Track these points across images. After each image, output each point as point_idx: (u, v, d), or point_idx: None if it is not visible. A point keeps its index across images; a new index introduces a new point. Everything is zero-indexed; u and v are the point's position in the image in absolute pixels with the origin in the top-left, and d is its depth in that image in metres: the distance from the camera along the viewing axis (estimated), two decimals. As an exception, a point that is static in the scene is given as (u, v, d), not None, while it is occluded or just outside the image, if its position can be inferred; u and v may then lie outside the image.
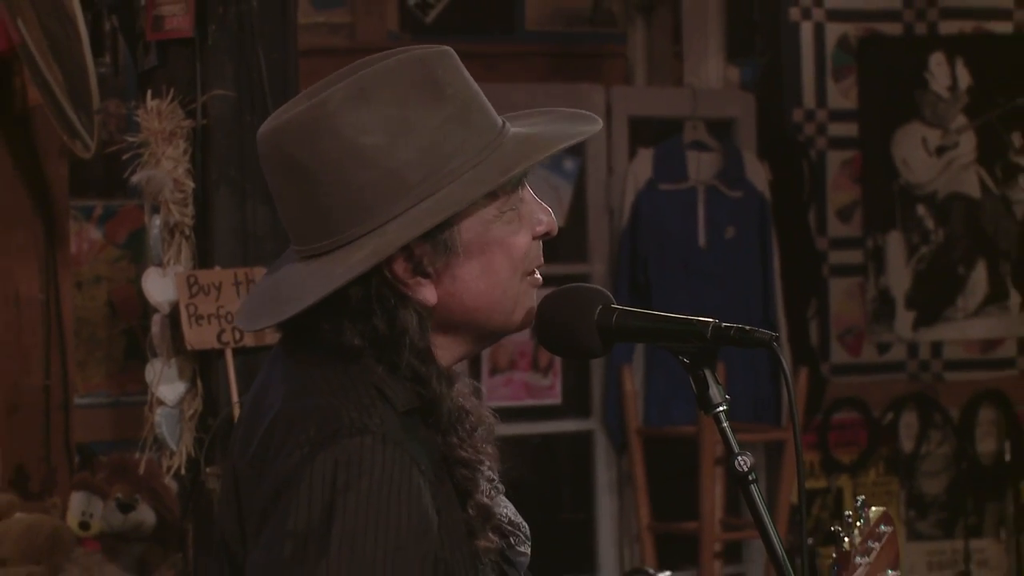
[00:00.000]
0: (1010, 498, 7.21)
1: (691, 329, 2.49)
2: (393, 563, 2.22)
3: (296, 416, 2.28)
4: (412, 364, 2.35)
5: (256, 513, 2.28)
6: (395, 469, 2.24)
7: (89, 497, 4.94)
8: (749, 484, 2.47)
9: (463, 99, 2.41)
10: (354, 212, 2.36)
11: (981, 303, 7.26)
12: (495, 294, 2.41)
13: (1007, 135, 7.27)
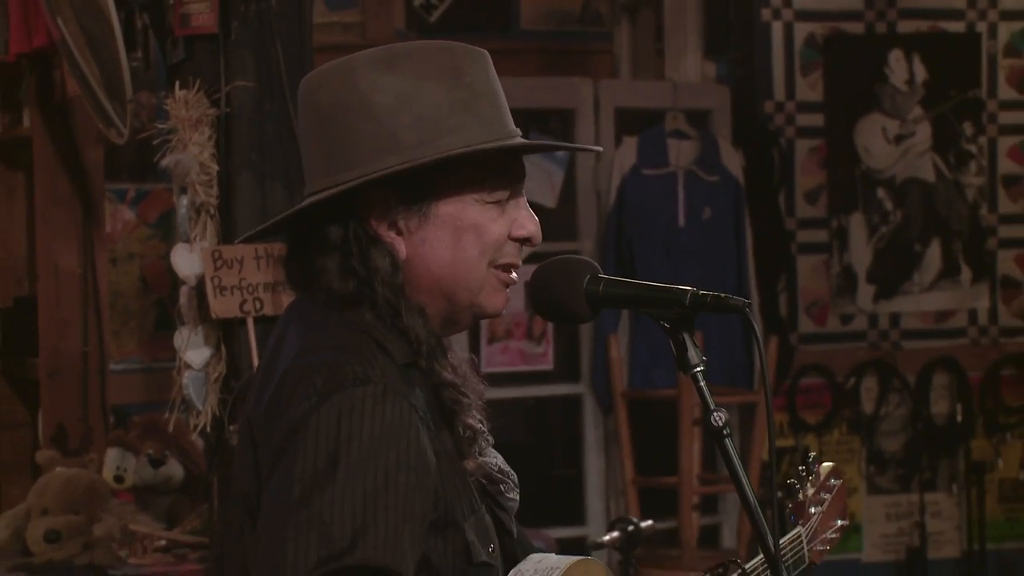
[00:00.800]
0: (961, 455, 7.21)
1: (671, 296, 2.49)
2: (396, 497, 2.22)
3: (305, 370, 2.28)
4: (386, 297, 2.36)
5: (269, 456, 2.28)
6: (395, 415, 2.25)
7: (123, 453, 4.94)
8: (724, 438, 2.47)
9: (478, 92, 2.42)
10: (350, 158, 2.39)
11: (935, 278, 7.26)
12: (459, 268, 2.41)
13: (959, 125, 7.27)
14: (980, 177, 7.29)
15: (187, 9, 4.43)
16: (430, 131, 2.38)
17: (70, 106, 5.41)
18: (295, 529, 2.16)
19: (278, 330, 2.46)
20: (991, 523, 7.18)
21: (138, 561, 4.65)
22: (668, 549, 6.41)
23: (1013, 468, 7.27)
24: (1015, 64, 7.33)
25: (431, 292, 2.41)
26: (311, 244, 2.40)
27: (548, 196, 6.59)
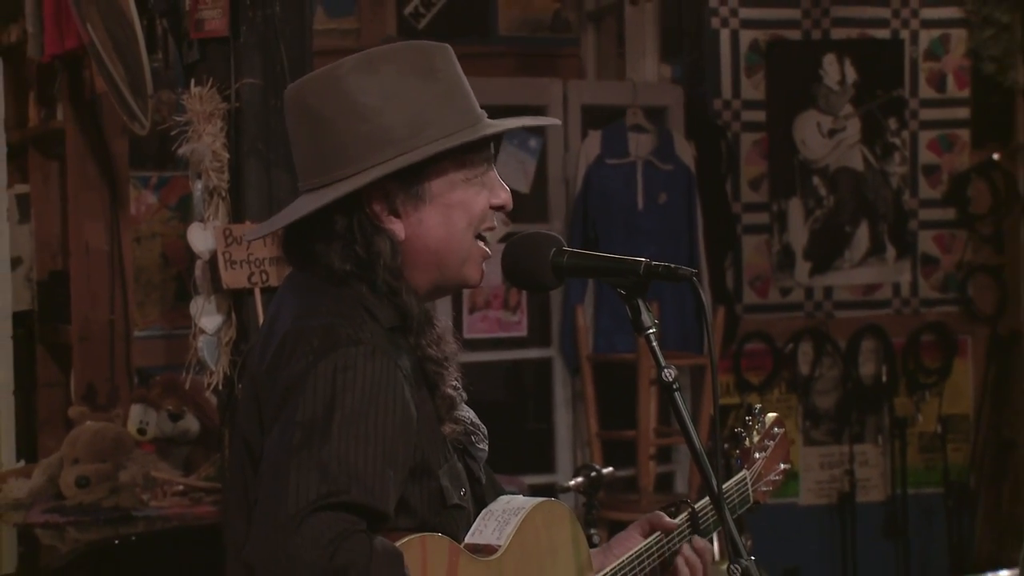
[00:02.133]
0: (886, 412, 7.22)
1: (627, 266, 2.50)
2: (383, 445, 2.24)
3: (303, 332, 2.30)
4: (387, 280, 2.39)
5: (271, 408, 2.30)
6: (383, 372, 2.27)
7: (145, 409, 4.93)
8: (673, 392, 2.48)
9: (451, 85, 2.45)
10: (346, 156, 2.40)
11: (864, 255, 7.26)
12: (451, 242, 2.44)
13: (885, 120, 7.27)
14: (903, 166, 7.29)
15: (201, 15, 4.42)
16: (417, 124, 2.40)
17: (98, 102, 5.40)
18: (297, 468, 2.17)
19: (277, 298, 2.48)
20: (911, 471, 7.19)
21: (158, 504, 4.66)
22: (628, 494, 6.41)
23: (931, 423, 7.27)
24: (934, 67, 7.32)
25: (426, 265, 2.43)
26: (314, 231, 2.40)
27: (522, 183, 6.58)
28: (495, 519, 2.44)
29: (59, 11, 5.18)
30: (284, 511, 2.13)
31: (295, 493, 2.14)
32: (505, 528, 2.42)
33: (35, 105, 5.87)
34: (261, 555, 2.15)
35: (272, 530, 2.14)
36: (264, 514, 2.17)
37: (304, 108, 2.43)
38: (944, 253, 7.36)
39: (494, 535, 2.42)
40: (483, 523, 2.44)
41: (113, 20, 4.77)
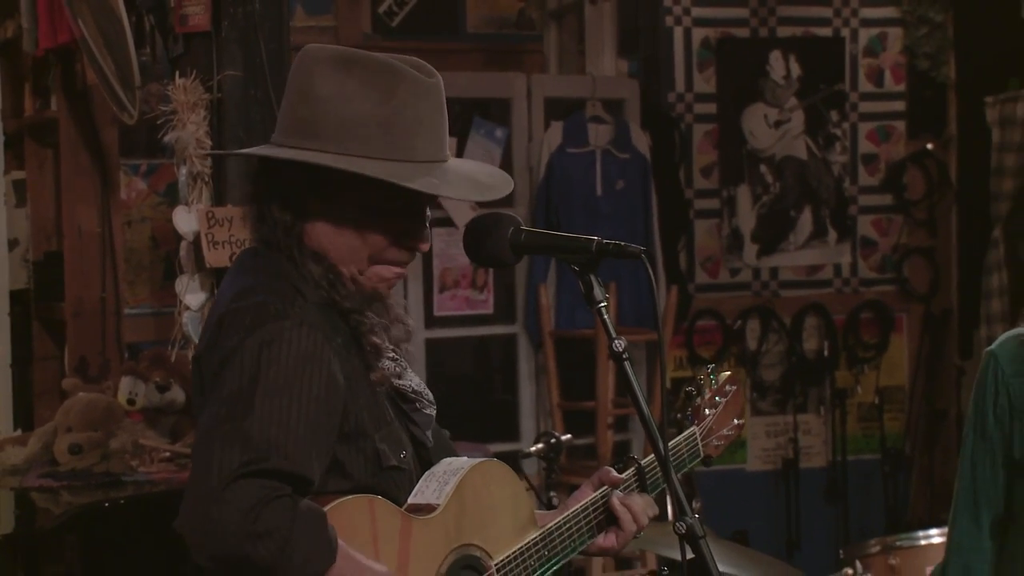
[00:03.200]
0: (827, 384, 7.24)
1: (580, 244, 2.50)
2: (305, 413, 2.22)
3: (238, 311, 2.30)
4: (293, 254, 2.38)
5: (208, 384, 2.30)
6: (308, 344, 2.26)
7: (134, 381, 4.92)
8: (623, 361, 2.48)
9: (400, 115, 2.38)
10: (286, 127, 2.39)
11: (807, 239, 7.28)
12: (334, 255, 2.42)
13: (827, 113, 7.29)
14: (844, 156, 7.31)
15: (185, 11, 4.41)
16: (342, 132, 2.37)
17: (90, 93, 5.38)
18: (221, 440, 2.16)
19: (223, 281, 2.48)
20: (851, 439, 7.21)
21: (146, 470, 4.64)
22: (587, 461, 6.42)
23: (869, 394, 7.31)
24: (872, 63, 7.34)
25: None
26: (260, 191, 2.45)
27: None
28: (436, 480, 2.43)
29: (52, 7, 5.16)
30: (209, 481, 2.12)
31: (219, 464, 2.13)
32: (444, 488, 2.41)
33: (30, 96, 5.85)
34: (189, 523, 2.14)
35: (198, 500, 2.13)
36: (191, 485, 2.17)
37: (291, 71, 2.46)
38: (881, 236, 7.39)
39: (434, 495, 2.40)
40: (425, 484, 2.43)
41: (103, 16, 4.75)
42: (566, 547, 2.56)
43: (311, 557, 2.14)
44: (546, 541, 2.53)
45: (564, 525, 2.56)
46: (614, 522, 2.62)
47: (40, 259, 5.81)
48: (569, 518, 2.57)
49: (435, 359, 6.54)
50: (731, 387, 3.03)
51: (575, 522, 2.58)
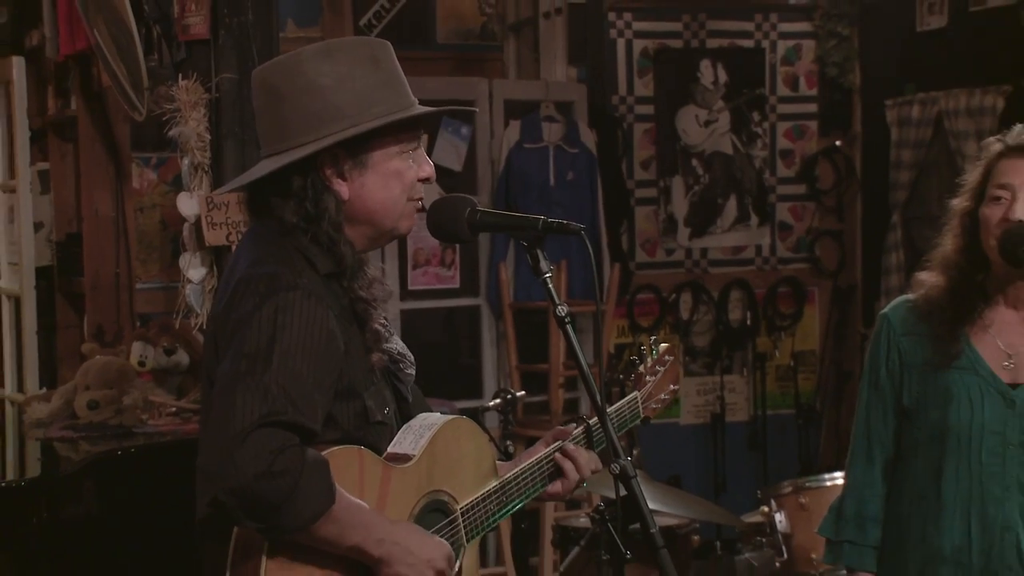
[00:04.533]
0: (749, 348, 7.26)
1: (528, 223, 2.51)
2: (313, 374, 2.23)
3: (252, 278, 2.29)
4: (329, 233, 2.37)
5: (224, 342, 2.28)
6: (314, 313, 2.27)
7: (145, 345, 4.89)
8: (565, 324, 2.49)
9: (390, 74, 2.43)
10: (304, 127, 2.37)
11: (732, 223, 7.29)
12: (388, 203, 2.43)
13: (749, 114, 7.30)
14: (764, 151, 7.32)
15: (187, 21, 4.39)
16: (364, 103, 2.38)
17: (105, 94, 5.36)
18: (243, 391, 2.16)
19: (236, 250, 2.46)
20: (769, 396, 7.25)
21: (155, 423, 4.62)
22: (541, 416, 6.43)
23: (785, 357, 7.33)
24: (789, 70, 7.36)
25: (364, 221, 2.43)
26: (273, 188, 2.38)
27: (456, 163, 6.57)
28: (413, 433, 2.44)
29: (71, 18, 5.14)
30: (232, 427, 2.12)
31: (241, 412, 2.13)
32: (419, 441, 2.42)
33: (53, 97, 5.83)
34: (213, 461, 2.14)
35: (222, 442, 2.13)
36: (215, 429, 2.16)
37: (269, 87, 2.40)
38: (797, 221, 7.41)
39: (410, 446, 2.41)
40: (403, 436, 2.44)
41: (116, 26, 4.73)
42: (521, 494, 2.58)
43: (314, 499, 2.15)
44: (504, 489, 2.55)
45: (520, 476, 2.58)
46: (561, 473, 2.64)
47: (62, 239, 5.80)
48: (524, 470, 2.59)
49: (409, 328, 6.53)
50: (669, 357, 3.05)
51: (529, 473, 2.60)
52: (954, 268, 2.97)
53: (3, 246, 5.74)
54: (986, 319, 2.95)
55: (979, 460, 2.90)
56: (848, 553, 3.09)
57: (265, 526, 2.14)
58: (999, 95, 6.45)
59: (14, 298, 5.58)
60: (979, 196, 2.93)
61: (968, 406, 2.91)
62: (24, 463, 4.96)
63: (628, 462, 2.44)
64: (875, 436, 3.10)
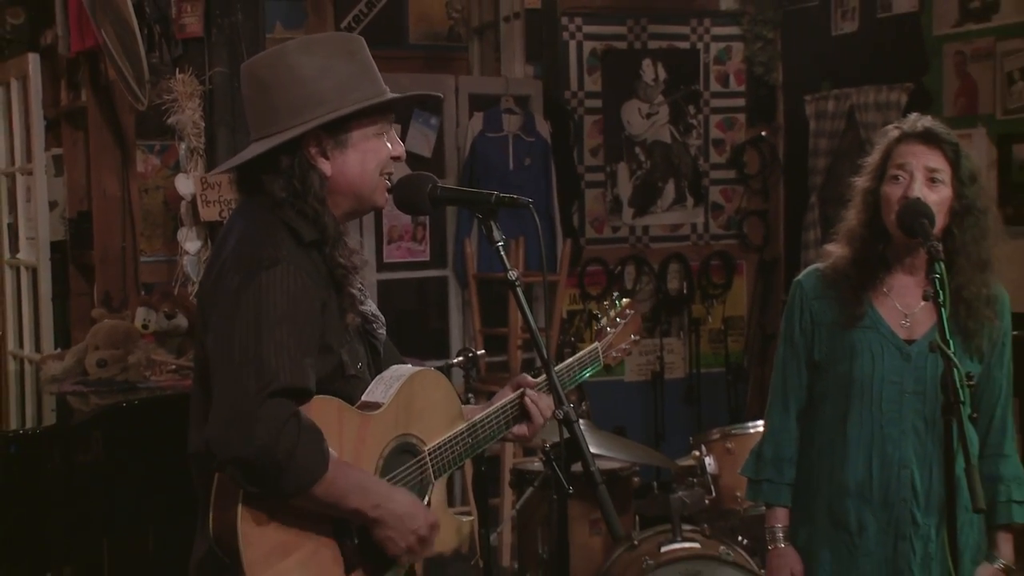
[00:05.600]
0: (685, 314, 7.29)
1: (483, 197, 2.50)
2: (300, 340, 2.22)
3: (239, 255, 2.28)
4: (314, 205, 2.35)
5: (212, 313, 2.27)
6: (297, 284, 2.25)
7: (148, 310, 4.89)
8: (515, 287, 2.47)
9: (364, 65, 2.43)
10: (290, 112, 2.36)
11: (671, 204, 7.30)
12: (365, 178, 2.42)
13: (686, 107, 7.30)
14: (698, 140, 7.33)
15: (183, 21, 4.36)
16: (343, 90, 2.38)
17: (111, 87, 5.32)
18: (236, 370, 2.14)
19: (227, 223, 2.44)
20: (703, 356, 7.28)
21: (157, 379, 4.62)
22: (501, 373, 6.42)
23: (717, 322, 7.36)
24: (720, 69, 7.36)
25: (346, 194, 2.42)
26: (263, 167, 2.36)
27: (426, 149, 6.55)
28: (384, 383, 2.43)
29: (80, 19, 5.09)
30: (234, 401, 2.11)
31: (243, 387, 2.12)
32: (389, 390, 2.40)
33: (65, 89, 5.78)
34: (218, 434, 2.12)
35: (226, 416, 2.11)
36: (218, 403, 2.14)
37: (257, 78, 2.39)
38: (727, 202, 7.43)
39: (381, 395, 2.40)
40: (375, 386, 2.43)
41: (120, 27, 4.69)
42: (488, 435, 2.57)
43: (310, 467, 2.14)
44: (472, 431, 2.54)
45: (487, 419, 2.58)
46: (527, 416, 2.63)
47: (74, 217, 5.76)
48: (491, 413, 2.59)
49: (384, 296, 6.52)
50: (631, 311, 3.05)
51: (496, 417, 2.59)
52: (858, 240, 2.98)
53: (22, 222, 5.70)
54: (886, 284, 2.97)
55: (879, 407, 2.92)
56: (767, 490, 3.10)
57: (265, 491, 2.12)
58: (903, 91, 6.48)
59: (31, 269, 5.54)
60: (880, 176, 2.94)
61: (870, 360, 2.93)
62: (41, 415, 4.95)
63: (571, 409, 2.44)
64: (790, 387, 3.11)
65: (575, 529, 4.17)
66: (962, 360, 2.77)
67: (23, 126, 5.51)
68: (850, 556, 2.94)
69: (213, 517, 2.17)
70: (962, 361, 2.75)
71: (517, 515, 4.25)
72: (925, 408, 2.87)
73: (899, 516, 2.89)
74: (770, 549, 3.07)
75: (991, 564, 2.93)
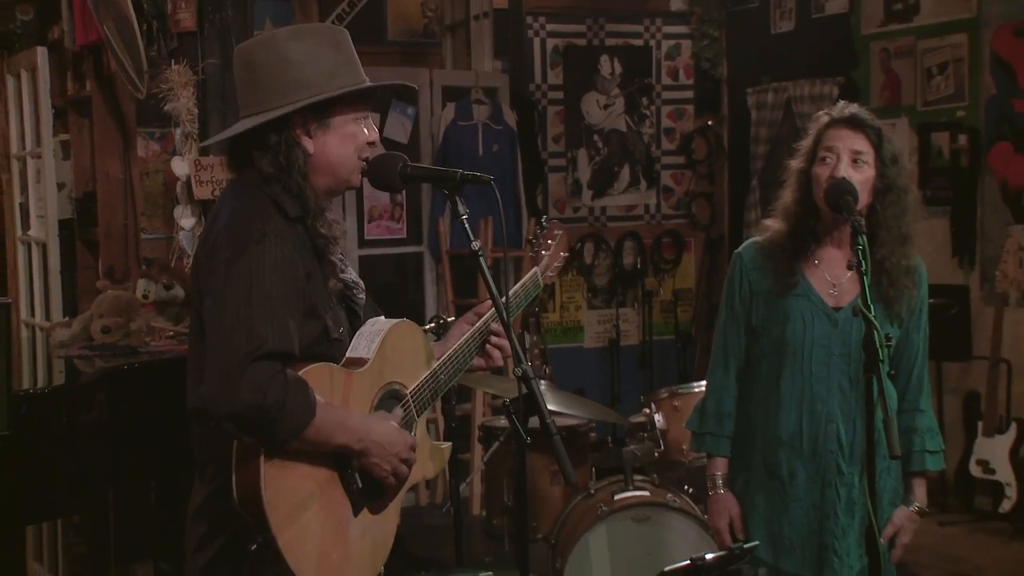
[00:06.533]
0: (639, 287, 7.31)
1: (449, 175, 2.48)
2: (287, 305, 2.21)
3: (231, 229, 2.27)
4: (297, 181, 2.34)
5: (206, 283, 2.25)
6: (283, 255, 2.24)
7: (148, 282, 4.84)
8: (479, 257, 2.46)
9: (347, 55, 2.42)
10: (279, 93, 2.35)
11: (626, 187, 7.32)
12: (344, 158, 2.41)
13: (639, 99, 7.30)
14: (651, 129, 7.34)
15: (178, 16, 4.32)
16: (328, 76, 2.36)
17: (114, 78, 5.24)
18: (228, 335, 2.13)
19: (219, 201, 2.43)
20: (655, 325, 7.31)
21: (156, 344, 4.58)
22: (472, 339, 6.43)
23: (668, 294, 7.39)
24: (671, 64, 7.37)
25: (325, 173, 2.40)
26: (252, 143, 2.35)
27: (403, 136, 6.53)
28: (365, 338, 2.42)
29: (84, 15, 5.02)
30: (228, 363, 2.10)
31: (234, 350, 2.11)
32: (372, 344, 2.39)
33: (71, 80, 5.70)
34: (213, 393, 2.11)
35: (221, 376, 2.11)
36: (213, 365, 2.13)
37: (249, 61, 2.38)
38: (677, 185, 7.44)
39: (364, 350, 2.39)
40: (357, 342, 2.42)
41: (121, 22, 4.64)
42: (457, 370, 2.58)
43: (299, 414, 2.14)
44: (444, 368, 2.56)
45: (454, 356, 2.59)
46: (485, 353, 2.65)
47: (80, 197, 5.70)
48: (457, 350, 2.60)
49: (365, 270, 6.50)
50: (558, 232, 3.03)
51: (461, 353, 2.61)
52: (792, 215, 2.99)
53: (32, 202, 5.64)
54: (816, 256, 2.98)
55: (809, 367, 2.93)
56: (709, 442, 3.11)
57: (262, 440, 2.12)
58: (834, 85, 6.50)
59: (42, 244, 5.49)
60: (811, 158, 2.95)
61: (801, 325, 2.94)
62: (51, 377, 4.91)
63: (529, 366, 2.44)
64: (730, 349, 3.12)
65: (537, 480, 4.18)
66: (882, 324, 2.79)
67: (33, 114, 5.45)
68: (782, 501, 2.96)
69: (236, 484, 2.15)
70: (882, 325, 2.77)
71: (485, 467, 4.26)
72: (850, 368, 2.89)
73: (826, 465, 2.91)
74: (711, 495, 3.08)
75: (907, 507, 2.95)
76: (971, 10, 6.00)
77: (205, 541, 2.27)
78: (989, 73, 5.94)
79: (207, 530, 2.27)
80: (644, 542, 3.98)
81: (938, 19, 6.14)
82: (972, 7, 5.99)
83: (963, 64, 6.02)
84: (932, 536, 5.47)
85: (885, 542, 2.89)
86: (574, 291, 7.18)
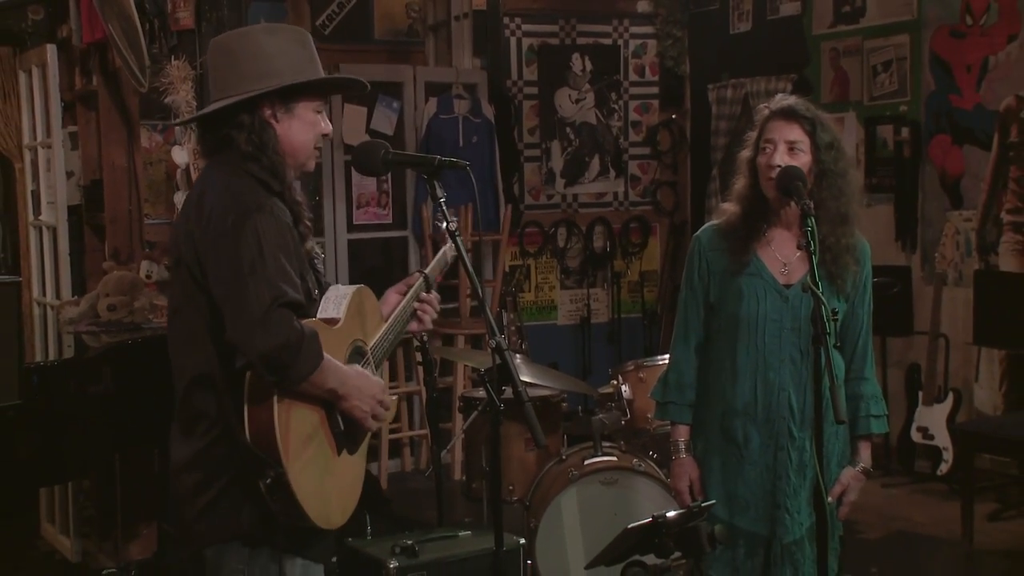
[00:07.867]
0: (609, 268, 7.31)
1: (427, 160, 2.49)
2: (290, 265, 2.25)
3: (227, 201, 2.28)
4: (272, 158, 2.35)
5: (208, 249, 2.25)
6: (279, 224, 2.28)
7: (151, 264, 4.84)
8: (455, 237, 2.47)
9: (311, 53, 2.46)
10: (251, 78, 2.37)
11: (596, 175, 7.31)
12: (304, 144, 2.46)
13: (609, 94, 7.29)
14: (619, 122, 7.33)
15: (177, 15, 4.29)
16: (295, 68, 2.38)
17: (118, 74, 5.21)
18: (253, 285, 2.17)
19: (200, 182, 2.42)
20: (624, 304, 7.31)
21: (158, 321, 4.58)
22: (452, 318, 6.42)
23: (635, 275, 7.40)
24: (638, 62, 7.35)
25: (288, 156, 2.41)
26: (226, 122, 2.36)
27: (388, 128, 6.49)
28: (332, 302, 2.45)
29: (91, 14, 4.98)
30: (254, 310, 2.15)
31: (257, 299, 2.16)
32: (340, 306, 2.43)
33: (79, 75, 5.66)
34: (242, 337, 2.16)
35: (248, 321, 2.15)
36: (239, 313, 2.17)
37: (227, 49, 2.40)
38: (643, 174, 7.44)
39: (334, 311, 2.42)
40: (325, 304, 2.45)
41: (124, 21, 4.61)
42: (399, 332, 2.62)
43: (312, 359, 2.20)
44: (391, 328, 2.59)
45: (397, 319, 2.62)
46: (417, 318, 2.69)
47: (88, 184, 5.67)
48: (398, 316, 2.63)
49: (354, 253, 6.48)
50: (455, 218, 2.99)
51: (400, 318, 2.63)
52: (744, 200, 3.00)
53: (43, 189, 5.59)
54: (768, 237, 2.99)
55: (763, 340, 2.94)
56: (671, 410, 3.13)
57: (280, 378, 2.17)
58: (788, 81, 6.51)
59: (52, 228, 5.45)
60: (756, 148, 2.96)
61: (755, 301, 2.95)
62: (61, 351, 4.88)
63: (502, 339, 2.44)
64: (690, 324, 3.13)
65: (512, 446, 4.19)
66: (829, 299, 2.80)
67: (43, 107, 5.40)
68: (738, 464, 2.98)
69: (249, 421, 2.19)
70: (829, 300, 2.78)
71: (465, 435, 4.26)
72: (800, 341, 2.90)
73: (778, 431, 2.93)
74: (673, 459, 3.10)
75: (853, 468, 2.97)
76: (912, 13, 6.02)
77: (202, 487, 2.30)
78: (929, 71, 5.96)
79: (203, 477, 2.30)
80: (611, 503, 3.99)
81: (883, 21, 6.16)
82: (913, 10, 6.02)
83: (905, 63, 6.05)
84: (876, 496, 5.52)
85: (833, 500, 2.91)
86: (548, 272, 7.18)
